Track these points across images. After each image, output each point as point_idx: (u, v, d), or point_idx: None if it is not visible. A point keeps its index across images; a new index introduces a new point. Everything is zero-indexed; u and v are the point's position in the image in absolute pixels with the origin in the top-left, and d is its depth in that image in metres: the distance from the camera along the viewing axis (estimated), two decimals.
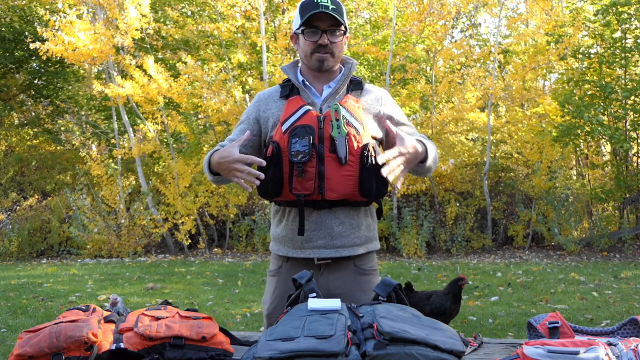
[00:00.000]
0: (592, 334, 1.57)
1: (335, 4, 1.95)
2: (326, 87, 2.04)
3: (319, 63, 1.98)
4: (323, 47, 1.96)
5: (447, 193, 10.55)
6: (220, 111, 10.20)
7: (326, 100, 2.00)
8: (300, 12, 1.97)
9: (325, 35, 1.95)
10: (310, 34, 1.96)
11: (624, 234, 9.56)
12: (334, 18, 1.93)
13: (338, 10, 1.94)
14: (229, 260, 9.80)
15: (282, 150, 1.93)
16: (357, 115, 1.98)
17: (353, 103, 2.00)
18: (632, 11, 9.40)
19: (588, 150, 10.84)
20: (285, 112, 1.99)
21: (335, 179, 1.93)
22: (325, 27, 1.94)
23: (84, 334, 1.45)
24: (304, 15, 1.94)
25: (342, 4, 1.99)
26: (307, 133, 1.92)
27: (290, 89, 2.04)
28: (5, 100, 13.48)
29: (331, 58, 1.98)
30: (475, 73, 10.93)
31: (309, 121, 1.94)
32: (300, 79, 2.04)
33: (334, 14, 1.92)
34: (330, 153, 1.92)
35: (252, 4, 10.23)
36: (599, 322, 4.92)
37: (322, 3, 1.92)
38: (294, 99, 2.01)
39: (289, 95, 2.02)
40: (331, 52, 1.97)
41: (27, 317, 5.46)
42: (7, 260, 10.53)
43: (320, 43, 1.95)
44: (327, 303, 1.49)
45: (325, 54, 1.97)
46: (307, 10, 1.93)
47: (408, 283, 2.79)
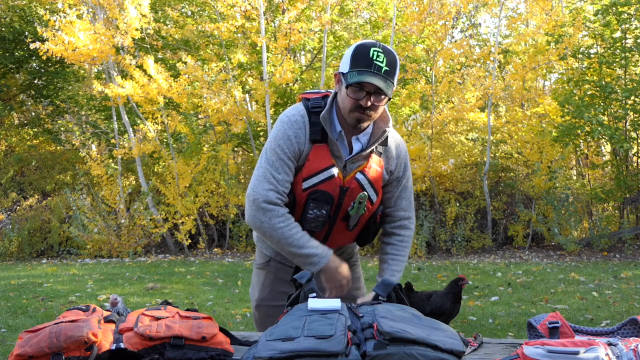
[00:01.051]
0: (592, 334, 1.57)
1: (390, 63, 1.82)
2: (355, 141, 1.97)
3: (356, 122, 1.89)
4: (364, 108, 1.86)
5: (447, 193, 10.55)
6: (220, 111, 10.20)
7: (352, 158, 1.95)
8: (352, 61, 1.83)
9: (370, 97, 1.84)
10: (355, 91, 1.84)
11: (624, 234, 9.56)
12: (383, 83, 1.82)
13: (391, 72, 1.83)
14: (229, 260, 9.80)
15: (297, 206, 1.95)
16: (377, 183, 1.98)
17: (376, 168, 1.98)
18: (632, 11, 9.40)
19: (588, 150, 10.84)
20: (309, 165, 1.92)
21: (338, 239, 2.04)
22: (372, 90, 1.83)
23: (84, 334, 1.45)
24: (354, 67, 1.82)
25: (397, 63, 1.86)
26: (326, 202, 1.91)
27: (320, 133, 1.92)
28: (5, 100, 13.48)
29: (369, 120, 1.91)
30: (475, 73, 10.94)
31: (331, 189, 1.92)
32: (338, 130, 1.94)
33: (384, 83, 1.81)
34: (341, 221, 1.99)
35: (252, 4, 10.23)
36: (599, 322, 4.92)
37: (377, 63, 1.80)
38: (321, 149, 1.92)
39: (319, 141, 1.92)
40: (370, 115, 1.89)
41: (27, 317, 5.46)
42: (7, 260, 10.53)
43: (362, 104, 1.85)
44: (327, 303, 1.49)
45: (364, 115, 1.87)
46: (359, 64, 1.81)
47: (408, 283, 2.79)
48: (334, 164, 1.92)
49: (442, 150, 10.70)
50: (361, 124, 1.90)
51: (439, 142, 10.89)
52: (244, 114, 10.41)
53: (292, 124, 1.93)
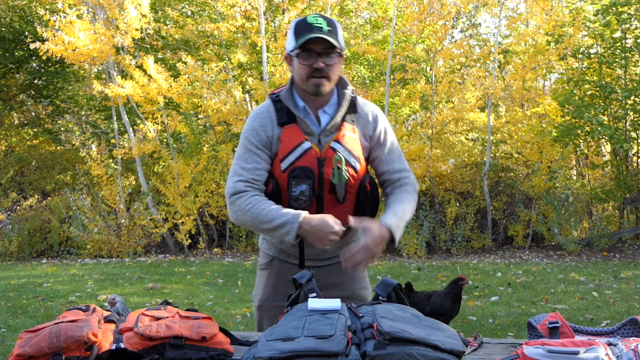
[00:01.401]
0: (592, 334, 1.57)
1: (330, 24, 1.89)
2: (322, 113, 1.98)
3: (315, 88, 1.92)
4: (318, 71, 1.89)
5: (447, 193, 10.56)
6: (220, 111, 10.21)
7: (324, 131, 1.95)
8: (295, 33, 1.90)
9: (321, 58, 1.89)
10: (305, 57, 1.89)
11: (624, 234, 9.56)
12: (329, 41, 1.87)
13: (333, 32, 1.88)
14: (229, 260, 9.80)
15: (282, 189, 1.94)
16: (355, 150, 1.97)
17: (351, 135, 1.97)
18: (632, 11, 9.40)
19: (588, 150, 10.84)
20: (283, 146, 1.93)
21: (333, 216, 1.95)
22: (321, 50, 1.88)
23: (84, 334, 1.45)
24: (298, 38, 1.88)
25: (337, 24, 1.93)
26: (307, 177, 1.90)
27: (286, 114, 1.96)
28: (5, 100, 13.48)
29: (327, 82, 1.92)
30: (475, 73, 10.94)
31: (309, 163, 1.92)
32: (301, 105, 1.98)
33: (329, 37, 1.86)
34: (329, 194, 1.94)
35: (252, 4, 10.23)
36: (599, 322, 4.92)
37: (317, 25, 1.86)
38: (292, 129, 1.94)
39: (286, 122, 1.95)
40: (327, 75, 1.91)
41: (27, 317, 5.46)
42: (7, 260, 10.53)
43: (316, 67, 1.89)
44: (327, 303, 1.49)
45: (321, 78, 1.90)
46: (301, 33, 1.87)
47: (408, 283, 2.79)
48: (307, 139, 1.93)
49: (442, 150, 10.70)
50: (321, 89, 1.92)
51: (439, 142, 10.89)
52: (244, 114, 10.41)
53: (257, 115, 1.99)
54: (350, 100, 1.99)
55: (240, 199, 1.91)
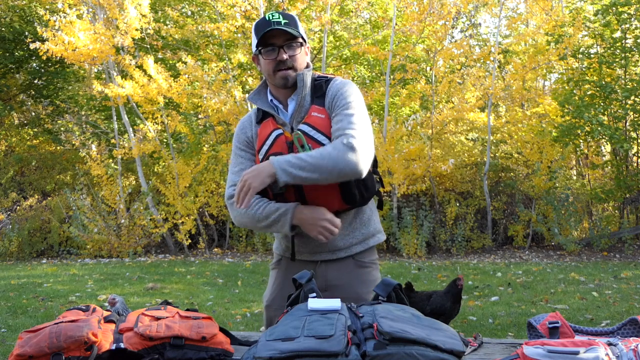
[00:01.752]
0: (592, 334, 1.57)
1: (287, 17, 1.95)
2: (290, 102, 2.01)
3: (283, 80, 1.96)
4: (283, 63, 1.94)
5: (447, 193, 10.56)
6: (220, 111, 10.21)
7: (294, 117, 1.98)
8: (255, 32, 1.97)
9: (283, 50, 1.93)
10: (268, 52, 1.95)
11: (624, 234, 9.56)
12: (287, 32, 1.92)
13: (291, 23, 1.94)
14: (229, 260, 9.80)
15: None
16: (324, 128, 1.94)
17: (318, 115, 1.96)
18: (632, 11, 9.40)
19: (588, 150, 10.84)
20: (259, 140, 2.01)
21: (316, 199, 1.92)
22: (281, 43, 1.93)
23: (84, 334, 1.45)
24: (258, 34, 1.94)
25: (294, 16, 1.99)
26: None
27: (263, 113, 2.04)
28: (5, 100, 13.48)
29: (293, 73, 1.96)
30: (475, 73, 10.94)
31: (280, 148, 1.94)
32: (269, 99, 2.04)
33: (286, 28, 1.91)
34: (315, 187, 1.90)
35: (252, 4, 10.23)
36: (599, 322, 4.92)
37: (274, 20, 1.92)
38: (266, 123, 2.01)
39: (263, 119, 2.04)
40: (292, 66, 1.95)
41: (27, 317, 5.46)
42: (7, 260, 10.54)
43: (279, 59, 1.93)
44: (327, 303, 1.49)
45: (286, 70, 1.95)
46: (261, 30, 1.93)
47: (408, 283, 2.78)
48: (278, 127, 1.98)
49: (442, 150, 10.70)
50: (290, 81, 1.96)
51: (439, 142, 10.89)
52: (243, 114, 10.40)
53: (241, 122, 2.11)
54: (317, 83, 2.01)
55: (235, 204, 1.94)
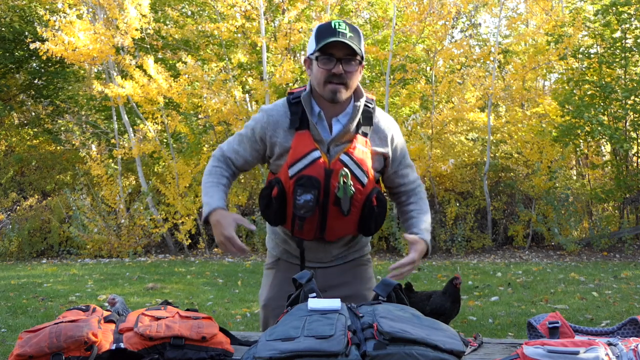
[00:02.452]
0: (592, 334, 1.57)
1: (353, 30, 1.86)
2: (335, 122, 1.95)
3: (332, 94, 1.88)
4: (337, 77, 1.86)
5: (447, 193, 10.55)
6: (220, 111, 10.21)
7: (334, 140, 1.94)
8: (317, 37, 1.88)
9: (340, 64, 1.85)
10: (325, 61, 1.86)
11: (624, 234, 9.56)
12: (350, 47, 1.84)
13: (356, 38, 1.86)
14: (229, 260, 9.80)
15: (287, 194, 1.95)
16: (365, 163, 1.95)
17: (362, 148, 1.94)
18: (632, 11, 9.40)
19: (588, 150, 10.84)
20: (293, 153, 1.93)
21: (336, 227, 1.99)
22: (341, 56, 1.85)
23: (84, 334, 1.45)
24: (319, 41, 1.85)
25: (360, 31, 1.91)
26: (312, 186, 1.90)
27: (300, 119, 1.94)
28: (5, 100, 13.47)
29: (344, 90, 1.89)
30: (475, 73, 10.93)
31: (316, 173, 1.91)
32: (316, 111, 1.95)
33: (351, 42, 1.83)
34: (333, 206, 1.94)
35: (252, 4, 10.23)
36: (599, 322, 4.92)
37: (340, 30, 1.84)
38: (304, 136, 1.93)
39: (299, 128, 1.94)
40: (345, 82, 1.87)
41: (27, 317, 5.46)
42: (7, 260, 10.53)
43: (335, 72, 1.85)
44: (327, 303, 1.49)
45: (338, 84, 1.87)
46: (324, 37, 1.84)
47: (408, 283, 2.78)
48: (317, 147, 1.92)
49: (442, 150, 10.70)
50: (337, 96, 1.89)
51: (439, 142, 10.89)
52: (244, 114, 10.41)
53: (271, 114, 1.99)
54: (364, 112, 1.96)
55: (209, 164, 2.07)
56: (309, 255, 2.06)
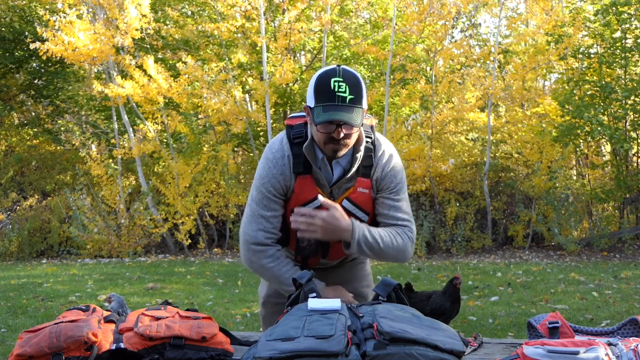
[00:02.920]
0: (592, 334, 1.57)
1: (353, 91, 1.78)
2: (335, 165, 1.94)
3: (333, 153, 1.86)
4: (337, 140, 1.82)
5: (447, 193, 10.55)
6: (220, 111, 10.20)
7: (337, 184, 1.94)
8: (315, 95, 1.80)
9: (341, 129, 1.80)
10: (325, 126, 1.80)
11: (624, 234, 9.56)
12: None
13: (357, 98, 1.78)
14: (229, 260, 9.80)
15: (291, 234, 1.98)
16: (366, 205, 1.97)
17: (362, 191, 1.94)
18: (632, 11, 9.40)
19: (588, 150, 10.83)
20: (296, 199, 1.93)
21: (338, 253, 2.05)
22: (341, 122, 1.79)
23: (84, 334, 1.45)
24: (318, 102, 1.79)
25: (360, 84, 1.81)
26: None
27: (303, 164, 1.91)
28: (5, 100, 13.47)
29: (345, 149, 1.86)
30: (475, 73, 10.94)
31: None
32: (320, 157, 1.92)
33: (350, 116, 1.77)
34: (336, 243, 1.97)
35: (252, 4, 10.22)
36: (599, 322, 4.92)
37: (340, 94, 1.76)
38: (306, 181, 1.92)
39: (302, 173, 1.92)
40: (345, 144, 1.85)
41: (27, 317, 5.46)
42: (7, 260, 10.53)
43: (335, 137, 1.81)
44: (327, 303, 1.49)
45: (338, 145, 1.84)
46: (323, 99, 1.78)
47: (408, 284, 2.78)
48: (320, 191, 1.92)
49: (442, 150, 10.69)
50: (338, 154, 1.87)
51: (439, 142, 10.89)
52: (244, 114, 10.41)
53: (277, 161, 1.92)
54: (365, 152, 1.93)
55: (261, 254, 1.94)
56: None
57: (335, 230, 1.86)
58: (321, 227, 1.85)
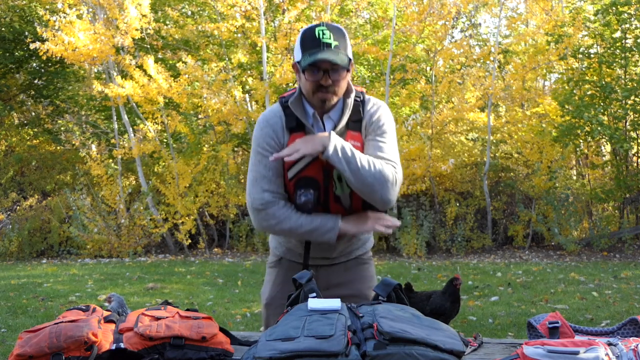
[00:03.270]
0: (592, 334, 1.57)
1: (337, 38, 1.86)
2: (327, 119, 1.97)
3: (322, 103, 1.91)
4: (325, 87, 1.88)
5: (447, 193, 10.55)
6: (220, 111, 10.21)
7: None
8: (302, 45, 1.88)
9: (328, 75, 1.86)
10: (312, 73, 1.87)
11: (624, 234, 9.56)
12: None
13: (342, 45, 1.86)
14: (229, 260, 9.80)
15: (289, 194, 1.96)
16: None
17: (353, 142, 1.95)
18: (632, 11, 9.40)
19: (588, 150, 10.84)
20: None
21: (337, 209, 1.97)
22: (327, 67, 1.85)
23: (84, 334, 1.45)
24: (305, 52, 1.86)
25: (344, 33, 1.90)
26: (311, 187, 1.92)
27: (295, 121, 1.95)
28: (5, 100, 13.47)
29: (334, 97, 1.91)
30: (475, 73, 10.94)
31: (314, 173, 1.92)
32: (310, 112, 1.96)
33: (336, 56, 1.83)
34: (335, 204, 1.95)
35: (252, 4, 10.23)
36: (599, 322, 4.92)
37: (324, 40, 1.84)
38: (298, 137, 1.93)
39: (295, 130, 1.95)
40: (333, 91, 1.89)
41: (27, 317, 5.46)
42: (7, 260, 10.53)
43: (322, 83, 1.87)
44: (327, 303, 1.49)
45: (327, 93, 1.89)
46: (308, 47, 1.85)
47: (408, 284, 2.78)
48: None
49: (442, 150, 10.70)
50: (327, 104, 1.92)
51: (439, 142, 10.89)
52: (244, 114, 10.41)
53: (267, 121, 1.98)
54: (354, 106, 1.97)
55: (272, 210, 1.92)
56: (313, 252, 2.04)
57: (313, 139, 1.85)
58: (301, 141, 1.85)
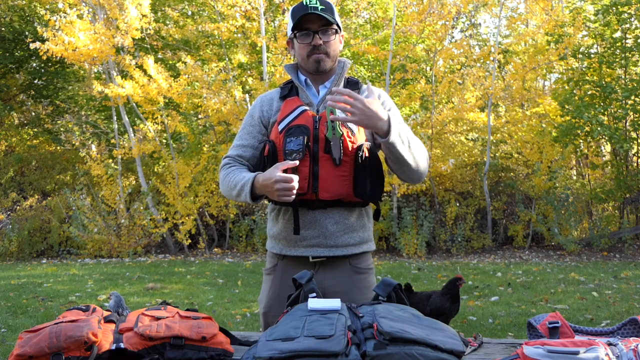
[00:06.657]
0: (592, 334, 1.57)
1: (324, 4, 1.97)
2: (322, 87, 2.06)
3: (316, 64, 2.00)
4: (317, 48, 1.98)
5: (447, 193, 10.56)
6: (220, 111, 10.21)
7: (323, 101, 2.01)
8: (292, 16, 2.00)
9: (318, 35, 1.97)
10: (303, 36, 1.98)
11: (624, 234, 9.56)
12: (324, 18, 1.95)
13: (328, 10, 1.97)
14: (229, 260, 9.80)
15: (278, 149, 1.97)
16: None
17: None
18: (632, 11, 9.40)
19: (588, 150, 10.84)
20: (282, 112, 2.02)
21: (329, 180, 1.94)
22: (317, 28, 1.97)
23: (84, 334, 1.45)
24: (294, 18, 1.98)
25: (331, 3, 2.02)
26: (301, 133, 1.93)
27: (289, 90, 2.07)
28: (5, 100, 13.48)
29: (327, 58, 2.00)
30: (475, 73, 10.93)
31: (304, 121, 1.95)
32: (302, 78, 2.07)
33: (323, 14, 1.94)
34: (324, 153, 1.93)
35: (252, 4, 10.23)
36: (599, 322, 4.92)
37: (311, 5, 1.95)
38: (292, 100, 2.03)
39: (288, 96, 2.05)
40: (325, 52, 1.99)
41: (27, 317, 5.46)
42: (7, 260, 10.53)
43: (314, 44, 1.97)
44: (327, 303, 1.49)
45: (320, 54, 1.99)
46: (297, 14, 1.97)
47: (407, 284, 2.79)
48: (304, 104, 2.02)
49: (442, 150, 10.70)
50: (321, 64, 2.00)
51: (439, 142, 10.89)
52: (243, 114, 10.41)
53: (262, 97, 2.13)
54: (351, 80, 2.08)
55: (221, 172, 2.08)
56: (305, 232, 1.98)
57: (373, 116, 1.80)
58: (361, 110, 1.79)
